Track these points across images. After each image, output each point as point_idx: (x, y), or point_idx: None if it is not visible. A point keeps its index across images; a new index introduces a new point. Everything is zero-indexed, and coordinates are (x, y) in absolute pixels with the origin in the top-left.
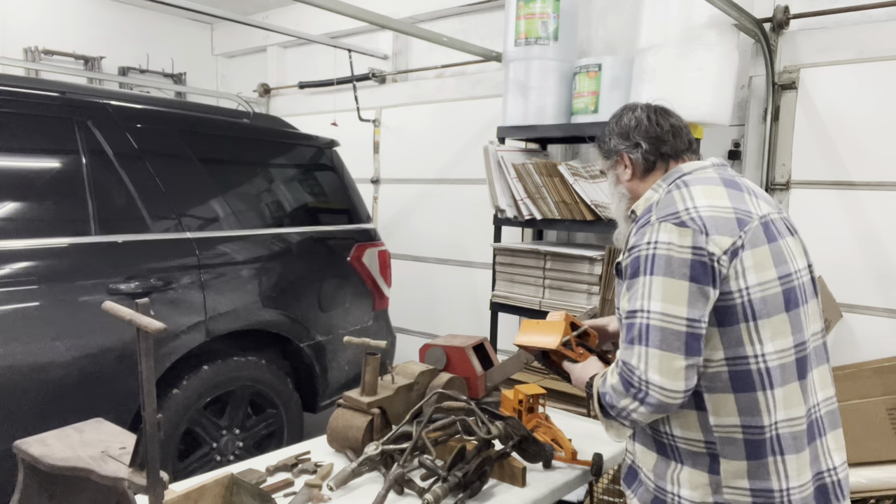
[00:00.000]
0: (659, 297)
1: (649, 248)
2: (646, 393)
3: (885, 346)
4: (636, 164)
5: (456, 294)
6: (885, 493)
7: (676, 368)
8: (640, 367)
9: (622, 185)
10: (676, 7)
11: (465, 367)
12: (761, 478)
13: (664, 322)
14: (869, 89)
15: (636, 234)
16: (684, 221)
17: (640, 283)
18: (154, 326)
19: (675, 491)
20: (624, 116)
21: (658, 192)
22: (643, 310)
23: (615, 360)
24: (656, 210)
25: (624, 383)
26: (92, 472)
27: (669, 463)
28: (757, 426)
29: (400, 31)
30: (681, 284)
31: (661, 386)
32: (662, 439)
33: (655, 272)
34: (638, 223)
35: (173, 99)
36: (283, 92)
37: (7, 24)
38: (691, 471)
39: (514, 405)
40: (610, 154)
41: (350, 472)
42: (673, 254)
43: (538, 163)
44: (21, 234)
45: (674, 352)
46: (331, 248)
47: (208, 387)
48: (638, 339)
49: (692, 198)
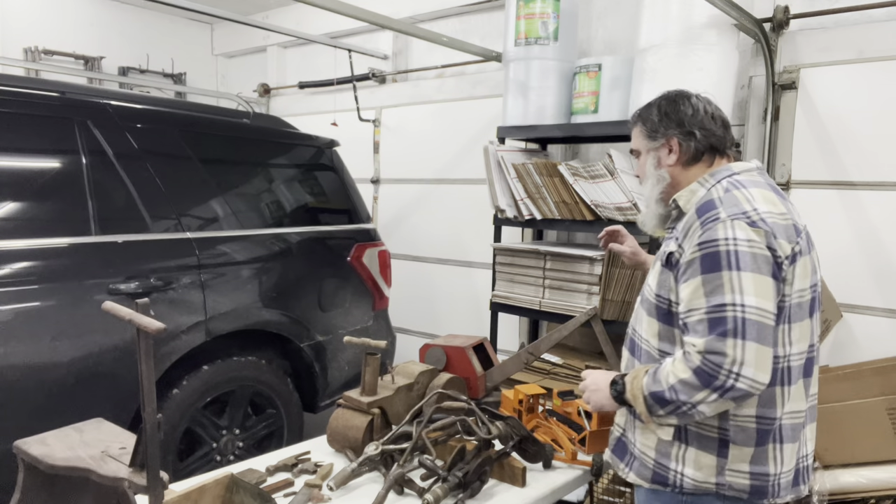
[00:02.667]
0: (752, 291)
1: (728, 244)
2: (732, 385)
3: (885, 346)
4: (685, 151)
5: (456, 294)
6: (885, 493)
7: (768, 361)
8: (737, 359)
9: (663, 168)
10: (676, 7)
11: (465, 368)
12: (761, 463)
13: (760, 317)
14: (869, 89)
15: (704, 229)
16: (755, 222)
17: (725, 278)
18: (154, 326)
19: (678, 469)
20: (680, 102)
21: (704, 186)
22: (735, 304)
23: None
24: (723, 207)
25: (703, 376)
26: (92, 472)
27: (674, 443)
28: (769, 417)
29: (400, 31)
30: (767, 281)
31: (753, 378)
32: None
33: (743, 268)
34: (702, 218)
35: (173, 99)
36: (283, 92)
37: (7, 24)
38: (698, 452)
39: (514, 405)
40: (655, 135)
41: (350, 472)
42: (756, 251)
43: (538, 163)
44: (21, 234)
45: (768, 345)
46: (331, 248)
47: (208, 387)
48: (732, 333)
49: (754, 200)
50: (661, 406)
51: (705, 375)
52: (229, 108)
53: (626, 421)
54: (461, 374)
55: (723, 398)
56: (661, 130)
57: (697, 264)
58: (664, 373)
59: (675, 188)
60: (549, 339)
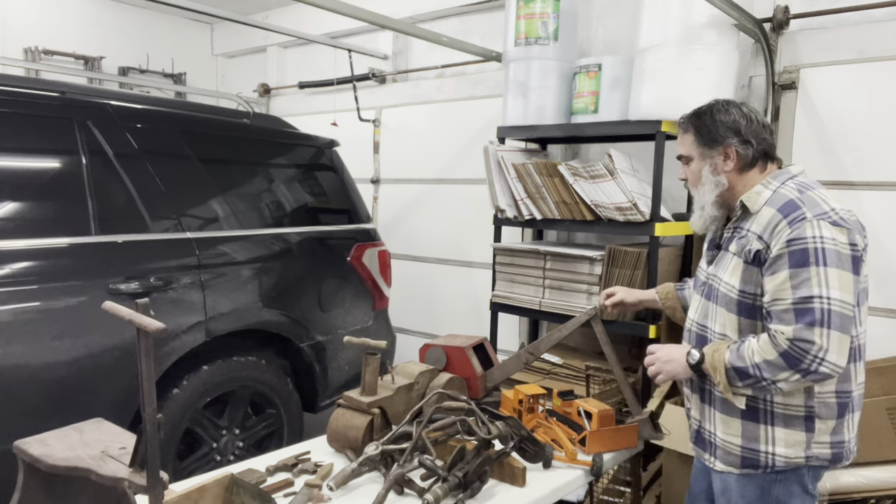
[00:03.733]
0: (836, 286)
1: (815, 242)
2: (817, 369)
3: (885, 346)
4: (742, 158)
5: (456, 294)
6: (885, 493)
7: (847, 348)
8: (823, 346)
9: (721, 174)
10: (676, 7)
11: (465, 368)
12: (839, 433)
13: (843, 308)
14: (869, 89)
15: (793, 228)
16: (836, 221)
17: (812, 273)
18: (154, 326)
19: (768, 450)
20: (732, 111)
21: (769, 188)
22: (822, 296)
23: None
24: (807, 208)
25: (790, 359)
26: (92, 472)
27: (759, 426)
28: (846, 391)
29: (400, 31)
30: (848, 276)
31: (835, 363)
32: (757, 405)
33: (829, 264)
34: (788, 218)
35: (173, 99)
36: (283, 92)
37: (7, 24)
38: (787, 431)
39: (514, 405)
40: (713, 143)
41: (350, 472)
42: (839, 249)
43: (538, 163)
44: (21, 234)
45: (848, 334)
46: (331, 248)
47: (208, 387)
48: (819, 322)
49: (829, 200)
50: (742, 379)
51: (792, 359)
52: (229, 108)
53: (701, 413)
54: (461, 374)
55: (805, 378)
56: (720, 139)
57: (786, 259)
58: (748, 351)
59: (731, 192)
60: (549, 339)
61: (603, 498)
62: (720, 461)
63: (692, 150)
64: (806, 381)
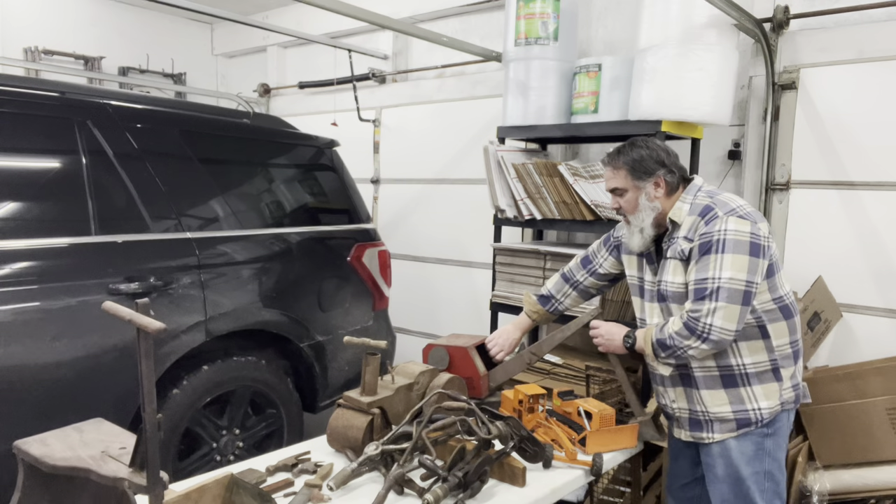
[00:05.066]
0: (729, 267)
1: (720, 234)
2: (708, 334)
3: (885, 346)
4: (670, 184)
5: (456, 294)
6: (885, 493)
7: (735, 316)
8: (708, 316)
9: (655, 200)
10: (676, 7)
11: (468, 368)
12: (795, 377)
13: (731, 284)
14: (869, 89)
15: (706, 224)
16: (742, 215)
17: (711, 259)
18: (154, 326)
19: (754, 406)
20: (653, 147)
21: (686, 203)
22: (714, 277)
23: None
24: (718, 208)
25: (689, 327)
26: (92, 472)
27: (740, 389)
28: (795, 341)
29: (400, 31)
30: (743, 258)
31: (721, 327)
32: (733, 371)
33: (726, 251)
34: (705, 218)
35: (173, 99)
36: (283, 92)
37: (7, 24)
38: (763, 386)
39: (514, 405)
40: (645, 176)
41: (350, 472)
42: (739, 238)
43: (538, 163)
44: (21, 234)
45: (736, 304)
46: (331, 248)
47: (208, 387)
48: (708, 297)
49: (734, 199)
50: (663, 350)
51: (689, 328)
52: (229, 108)
53: (688, 399)
54: (464, 374)
55: (704, 345)
56: (651, 171)
57: (697, 250)
58: (668, 326)
59: (662, 214)
60: (551, 339)
61: (603, 498)
62: (717, 433)
63: (626, 184)
64: (706, 347)
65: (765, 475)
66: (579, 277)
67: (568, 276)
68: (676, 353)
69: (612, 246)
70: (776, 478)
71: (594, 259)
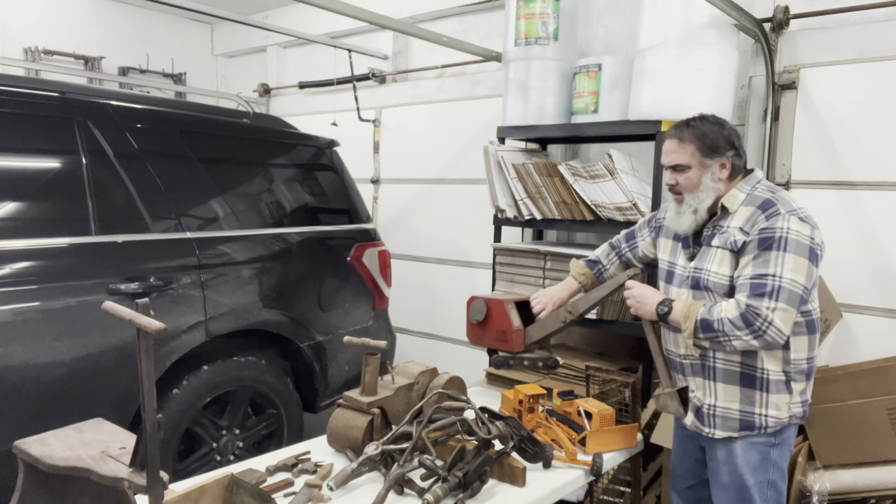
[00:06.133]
0: (790, 268)
1: (782, 232)
2: (765, 332)
3: (885, 346)
4: (735, 168)
5: (456, 294)
6: (885, 493)
7: (791, 320)
8: (769, 313)
9: (718, 182)
10: (676, 7)
11: (503, 321)
12: (805, 393)
13: (792, 286)
14: (869, 89)
15: (767, 219)
16: (803, 218)
17: (772, 256)
18: (154, 326)
19: (762, 412)
20: (725, 125)
21: (743, 191)
22: (775, 275)
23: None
24: (781, 205)
25: (746, 319)
26: (92, 472)
27: (755, 392)
28: (811, 357)
29: (400, 31)
30: (803, 261)
31: (779, 329)
32: (755, 374)
33: (788, 250)
34: (766, 213)
35: (173, 99)
36: (283, 92)
37: (7, 24)
38: (776, 395)
39: (514, 405)
40: (715, 154)
41: (350, 472)
42: (800, 239)
43: (538, 163)
44: (21, 234)
45: (794, 308)
46: (331, 248)
47: (208, 387)
48: (769, 295)
49: (794, 200)
50: (705, 332)
51: (747, 320)
52: (229, 108)
53: (704, 390)
54: (498, 326)
55: (755, 341)
56: (720, 150)
57: (755, 243)
58: (718, 309)
59: (719, 197)
60: (587, 297)
61: (603, 498)
62: (719, 429)
63: (692, 160)
64: (755, 343)
65: (768, 485)
66: (623, 248)
67: (615, 244)
68: (719, 339)
69: (653, 227)
70: (779, 487)
71: (637, 235)
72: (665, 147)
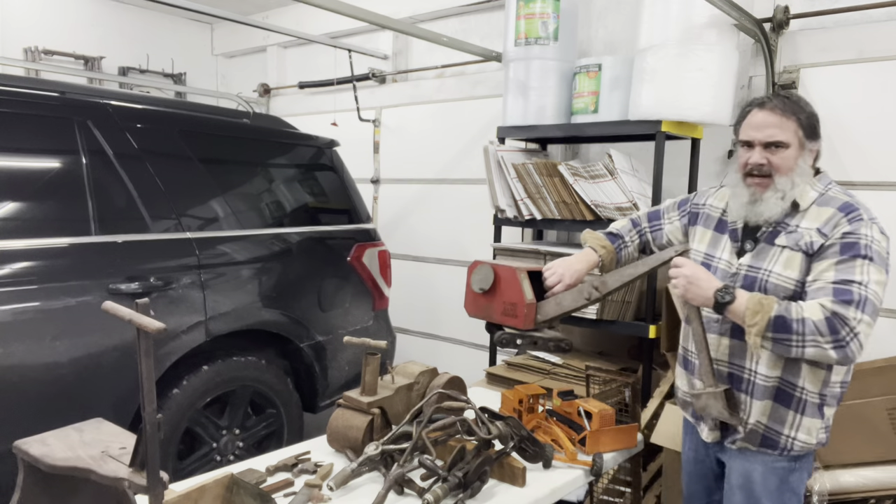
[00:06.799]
0: (875, 279)
1: (867, 240)
2: (848, 343)
3: (885, 346)
4: (817, 159)
5: (456, 294)
6: (885, 493)
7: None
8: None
9: (810, 168)
10: (676, 7)
11: (514, 292)
12: (830, 419)
13: (876, 298)
14: (869, 89)
15: (849, 223)
16: (882, 230)
17: (858, 263)
18: (154, 326)
19: (791, 434)
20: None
21: (816, 190)
22: (862, 283)
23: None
24: (863, 210)
25: (831, 325)
26: (92, 472)
27: (789, 412)
28: (845, 382)
29: (400, 31)
30: (885, 275)
31: (862, 343)
32: (793, 392)
33: (874, 260)
34: (849, 216)
35: (173, 99)
36: (283, 92)
37: (7, 24)
38: (809, 419)
39: (514, 405)
40: (814, 138)
41: (350, 472)
42: (882, 251)
43: (538, 163)
44: (21, 234)
45: (874, 323)
46: (331, 248)
47: (208, 387)
48: (856, 304)
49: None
50: (777, 331)
51: (832, 326)
52: (229, 108)
53: None
54: (508, 299)
55: (833, 351)
56: (816, 135)
57: (837, 248)
58: (796, 307)
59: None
60: (621, 273)
61: (603, 498)
62: (739, 440)
63: (793, 138)
64: (832, 354)
65: None
66: (644, 227)
67: (636, 221)
68: (792, 342)
69: (686, 212)
70: None
71: (663, 217)
72: (758, 119)
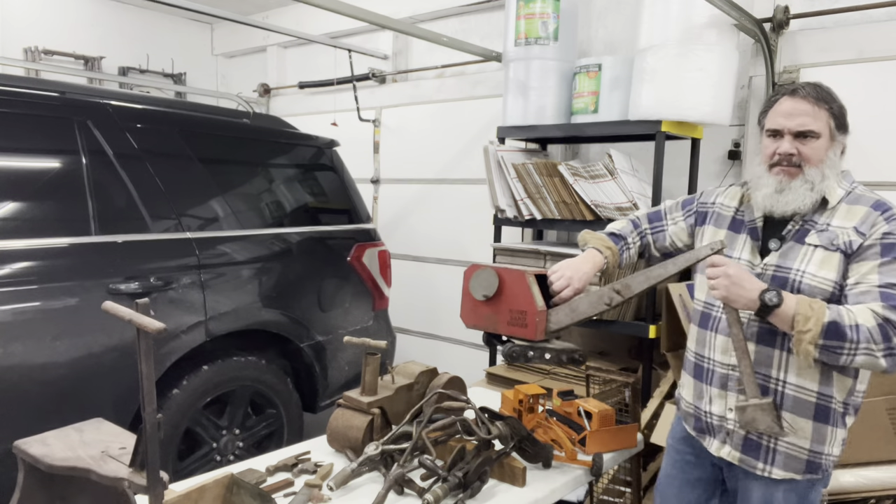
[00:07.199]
0: None
1: None
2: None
3: None
4: (843, 151)
5: (456, 294)
6: (885, 493)
7: None
8: None
9: (840, 161)
10: (676, 7)
11: (523, 299)
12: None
13: None
14: (869, 89)
15: (889, 223)
16: None
17: None
18: (154, 326)
19: (829, 451)
20: None
21: (843, 188)
22: None
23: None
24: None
25: (884, 331)
26: (92, 472)
27: (828, 428)
28: (864, 392)
29: (400, 31)
30: None
31: None
32: (829, 405)
33: None
34: (885, 215)
35: (173, 99)
36: (283, 92)
37: (7, 24)
38: (842, 431)
39: (514, 405)
40: (844, 130)
41: (350, 472)
42: None
43: (538, 163)
44: (21, 234)
45: None
46: (331, 248)
47: (208, 387)
48: None
49: None
50: (829, 338)
51: (885, 332)
52: (229, 108)
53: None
54: (516, 306)
55: (884, 358)
56: (846, 128)
57: (878, 248)
58: (847, 313)
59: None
60: (647, 275)
61: (603, 498)
62: (779, 467)
63: (824, 128)
64: (882, 363)
65: None
66: (644, 229)
67: (636, 222)
68: (843, 350)
69: (692, 212)
70: None
71: (664, 217)
72: (788, 107)
